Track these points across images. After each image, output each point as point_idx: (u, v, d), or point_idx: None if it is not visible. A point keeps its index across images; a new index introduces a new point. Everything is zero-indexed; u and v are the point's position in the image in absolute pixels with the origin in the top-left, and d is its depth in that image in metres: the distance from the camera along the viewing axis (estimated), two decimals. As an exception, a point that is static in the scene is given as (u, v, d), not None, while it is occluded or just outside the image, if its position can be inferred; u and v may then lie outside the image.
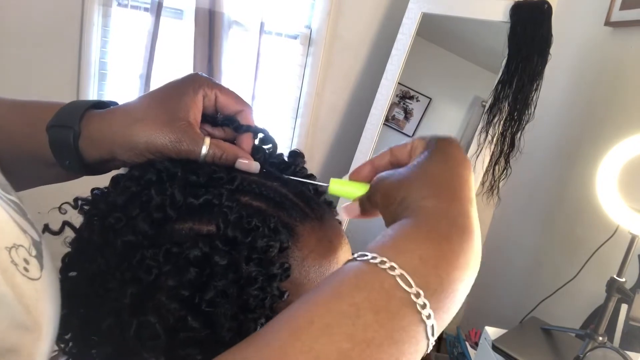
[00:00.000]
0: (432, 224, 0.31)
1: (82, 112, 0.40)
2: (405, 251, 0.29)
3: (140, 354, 0.34)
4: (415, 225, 0.31)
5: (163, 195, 0.37)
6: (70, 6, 1.93)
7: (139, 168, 0.40)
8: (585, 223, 1.52)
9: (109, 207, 0.38)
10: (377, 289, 0.27)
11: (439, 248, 0.29)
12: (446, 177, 0.34)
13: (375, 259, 0.28)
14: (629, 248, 1.07)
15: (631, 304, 1.12)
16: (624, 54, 1.51)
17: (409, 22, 1.84)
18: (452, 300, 0.29)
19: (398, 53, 1.85)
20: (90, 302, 0.37)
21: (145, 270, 0.35)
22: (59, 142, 0.40)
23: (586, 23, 1.71)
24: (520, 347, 1.17)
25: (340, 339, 0.25)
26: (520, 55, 1.56)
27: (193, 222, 0.37)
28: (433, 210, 0.31)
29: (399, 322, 0.26)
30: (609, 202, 1.07)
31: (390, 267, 0.28)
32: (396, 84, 1.86)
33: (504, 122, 1.60)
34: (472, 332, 1.79)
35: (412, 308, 0.27)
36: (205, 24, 1.87)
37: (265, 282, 0.35)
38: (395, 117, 2.04)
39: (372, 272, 0.28)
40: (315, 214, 0.41)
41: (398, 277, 0.27)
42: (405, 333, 0.26)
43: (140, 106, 0.41)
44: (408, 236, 0.30)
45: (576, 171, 1.64)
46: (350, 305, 0.26)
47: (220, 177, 0.39)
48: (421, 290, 0.27)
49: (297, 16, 2.07)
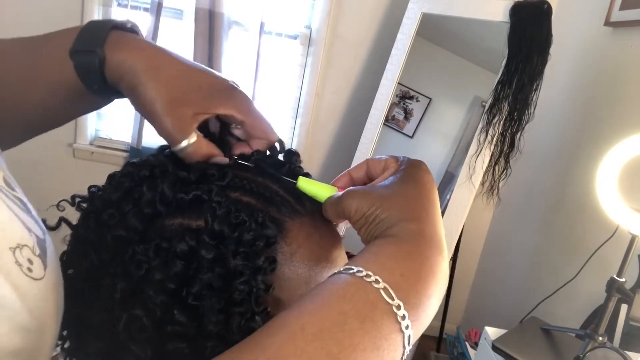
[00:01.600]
0: (412, 244, 0.34)
1: (105, 33, 0.40)
2: (388, 268, 0.32)
3: (129, 348, 0.34)
4: (397, 245, 0.34)
5: (154, 191, 0.37)
6: (70, 6, 1.93)
7: (134, 164, 0.40)
8: (585, 223, 1.52)
9: (104, 204, 0.38)
10: (363, 300, 0.30)
11: (418, 267, 0.33)
12: (421, 200, 0.37)
13: (360, 272, 0.31)
14: (629, 248, 1.07)
15: (631, 304, 1.12)
16: (624, 54, 1.51)
17: (409, 22, 1.84)
18: (426, 313, 0.32)
19: (398, 53, 1.85)
20: (85, 299, 0.38)
21: (135, 265, 0.35)
22: (84, 67, 0.39)
23: (586, 23, 1.71)
24: (520, 347, 1.17)
25: (330, 343, 0.27)
26: (520, 55, 1.56)
27: (183, 218, 0.37)
28: (413, 231, 0.34)
29: (381, 331, 0.29)
30: (609, 202, 1.07)
31: (375, 281, 0.30)
32: (396, 84, 1.86)
33: (504, 122, 1.60)
34: (472, 332, 1.79)
35: (393, 319, 0.30)
36: (205, 24, 1.87)
37: (251, 276, 0.35)
38: (395, 117, 2.04)
39: (358, 284, 0.30)
40: (306, 210, 0.41)
41: (382, 289, 0.30)
42: (386, 341, 0.29)
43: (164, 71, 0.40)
44: (391, 255, 0.33)
45: (576, 171, 1.64)
46: (339, 314, 0.29)
47: (212, 174, 0.39)
48: (402, 303, 0.30)
49: (297, 16, 2.07)
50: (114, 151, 2.12)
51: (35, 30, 0.44)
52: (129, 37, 0.41)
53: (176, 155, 0.41)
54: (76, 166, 2.12)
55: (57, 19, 1.93)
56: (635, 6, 1.42)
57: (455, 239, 1.72)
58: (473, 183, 1.65)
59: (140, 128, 2.00)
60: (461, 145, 1.95)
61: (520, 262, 1.90)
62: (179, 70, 0.41)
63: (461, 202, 1.68)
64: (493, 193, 1.69)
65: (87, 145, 2.10)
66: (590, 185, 1.26)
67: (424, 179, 0.39)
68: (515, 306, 1.78)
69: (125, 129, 2.07)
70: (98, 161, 2.10)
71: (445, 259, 0.35)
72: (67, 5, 1.93)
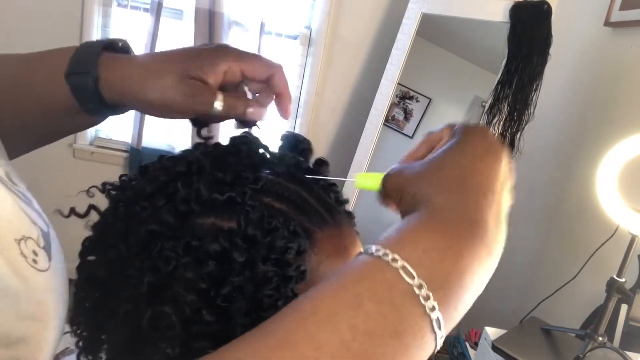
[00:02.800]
0: (439, 218, 0.30)
1: (96, 56, 0.41)
2: (408, 243, 0.29)
3: (155, 343, 0.34)
4: (422, 219, 0.30)
5: (189, 189, 0.37)
6: (70, 6, 1.93)
7: (170, 158, 0.41)
8: (585, 223, 1.52)
9: (136, 195, 0.38)
10: (380, 280, 0.27)
11: (445, 241, 0.29)
12: (461, 169, 0.33)
13: (378, 252, 0.28)
14: (629, 248, 1.07)
15: (631, 304, 1.12)
16: (623, 54, 1.51)
17: (409, 22, 1.84)
18: (460, 295, 0.28)
19: (398, 53, 1.85)
20: (108, 287, 0.38)
21: (164, 261, 0.35)
22: (79, 88, 0.41)
23: (586, 23, 1.71)
24: (520, 347, 1.17)
25: (343, 328, 0.25)
26: (520, 56, 1.56)
27: (215, 218, 0.37)
28: (442, 204, 0.31)
29: (401, 314, 0.26)
30: (609, 202, 1.07)
31: (393, 259, 0.27)
32: (396, 84, 1.86)
33: (504, 122, 1.60)
34: (472, 332, 1.79)
35: (415, 300, 0.27)
36: (205, 24, 1.87)
37: (280, 283, 0.35)
38: (395, 117, 2.04)
39: (375, 264, 0.28)
40: (335, 221, 0.41)
41: (400, 269, 0.27)
42: (408, 325, 0.26)
43: (159, 59, 0.42)
44: (413, 229, 0.30)
45: (576, 171, 1.64)
46: (354, 296, 0.26)
47: (247, 177, 0.39)
48: (424, 282, 0.27)
49: (297, 16, 2.07)
50: (114, 151, 2.12)
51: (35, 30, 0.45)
52: (119, 56, 0.43)
53: (213, 152, 0.41)
54: (76, 166, 2.12)
55: (57, 19, 1.93)
56: (635, 6, 1.42)
57: (455, 239, 1.72)
58: (473, 183, 1.65)
59: (140, 128, 2.00)
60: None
61: (520, 262, 1.90)
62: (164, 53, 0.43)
63: (461, 202, 1.68)
64: (493, 193, 1.69)
65: (87, 146, 2.10)
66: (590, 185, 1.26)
67: (476, 143, 0.34)
68: (515, 306, 1.78)
69: (125, 129, 2.07)
70: (98, 161, 2.10)
71: (487, 234, 0.30)
72: (67, 5, 1.93)
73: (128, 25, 1.98)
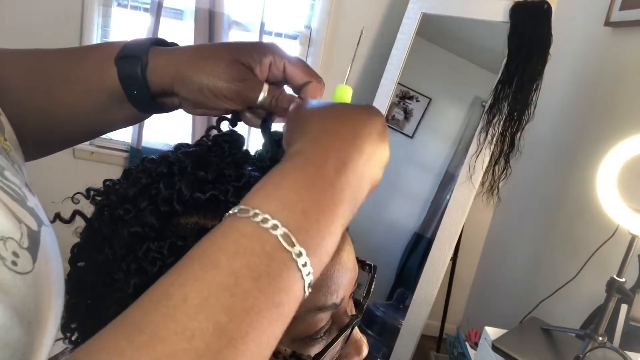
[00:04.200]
0: (318, 166, 0.30)
1: (148, 45, 0.43)
2: (289, 204, 0.28)
3: None
4: (302, 168, 0.30)
5: (171, 189, 0.37)
6: (70, 6, 1.93)
7: (151, 160, 0.41)
8: (585, 223, 1.52)
9: (120, 198, 0.38)
10: (258, 253, 0.26)
11: (321, 197, 0.29)
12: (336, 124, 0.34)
13: (256, 217, 0.27)
14: (629, 248, 1.07)
15: (631, 304, 1.12)
16: (624, 54, 1.51)
17: (409, 22, 1.84)
18: (328, 252, 0.29)
19: (398, 53, 1.85)
20: (96, 292, 0.38)
21: (150, 262, 0.35)
22: (127, 72, 0.42)
23: (586, 23, 1.71)
24: (520, 347, 1.17)
25: (218, 311, 0.23)
26: (520, 56, 1.56)
27: (199, 217, 0.37)
28: (319, 153, 0.31)
29: (279, 285, 0.26)
30: (609, 202, 1.07)
31: (273, 227, 0.26)
32: (396, 84, 1.86)
33: (504, 122, 1.60)
34: (472, 332, 1.79)
35: (293, 268, 0.26)
36: (205, 24, 1.87)
37: None
38: (395, 117, 2.04)
39: (253, 235, 0.26)
40: None
41: (281, 236, 0.26)
42: (285, 294, 0.26)
43: (210, 46, 0.45)
44: (295, 184, 0.29)
45: (576, 171, 1.64)
46: (229, 275, 0.25)
47: (229, 175, 0.39)
48: (303, 249, 0.27)
49: (297, 16, 2.07)
50: (114, 151, 2.12)
51: (35, 30, 0.45)
52: (169, 47, 0.45)
53: (196, 152, 0.41)
54: (76, 166, 2.12)
55: (58, 19, 1.93)
56: (635, 6, 1.42)
57: (455, 239, 1.72)
58: (473, 183, 1.65)
59: (140, 128, 2.00)
60: (461, 145, 1.95)
61: (520, 262, 1.90)
62: (213, 44, 0.46)
63: (461, 202, 1.68)
64: (493, 193, 1.69)
65: (87, 145, 2.10)
66: (590, 185, 1.26)
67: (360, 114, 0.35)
68: (515, 306, 1.78)
69: (125, 129, 2.07)
70: (98, 161, 2.10)
71: (356, 180, 0.31)
72: (67, 5, 1.93)
73: (128, 26, 1.98)
